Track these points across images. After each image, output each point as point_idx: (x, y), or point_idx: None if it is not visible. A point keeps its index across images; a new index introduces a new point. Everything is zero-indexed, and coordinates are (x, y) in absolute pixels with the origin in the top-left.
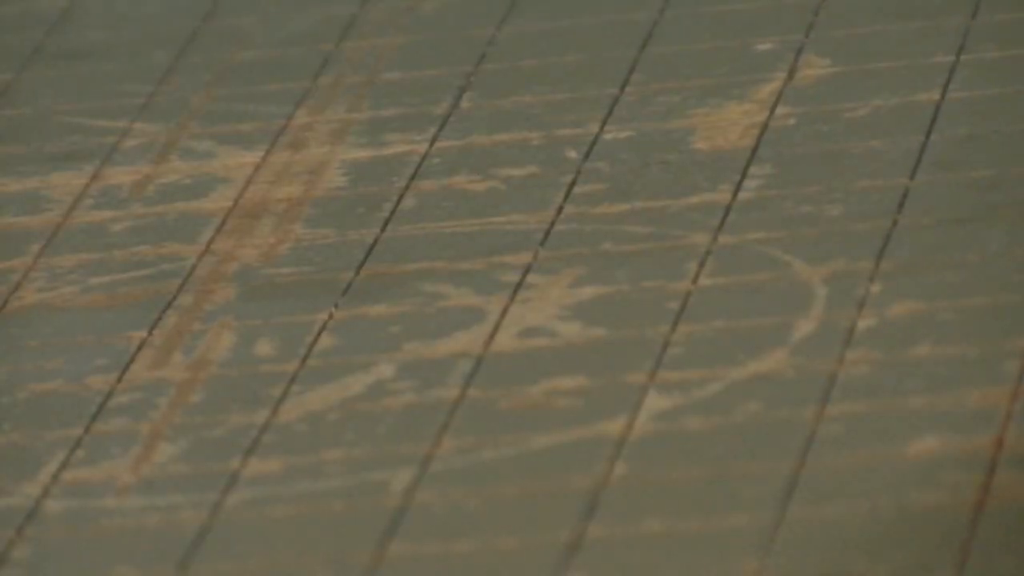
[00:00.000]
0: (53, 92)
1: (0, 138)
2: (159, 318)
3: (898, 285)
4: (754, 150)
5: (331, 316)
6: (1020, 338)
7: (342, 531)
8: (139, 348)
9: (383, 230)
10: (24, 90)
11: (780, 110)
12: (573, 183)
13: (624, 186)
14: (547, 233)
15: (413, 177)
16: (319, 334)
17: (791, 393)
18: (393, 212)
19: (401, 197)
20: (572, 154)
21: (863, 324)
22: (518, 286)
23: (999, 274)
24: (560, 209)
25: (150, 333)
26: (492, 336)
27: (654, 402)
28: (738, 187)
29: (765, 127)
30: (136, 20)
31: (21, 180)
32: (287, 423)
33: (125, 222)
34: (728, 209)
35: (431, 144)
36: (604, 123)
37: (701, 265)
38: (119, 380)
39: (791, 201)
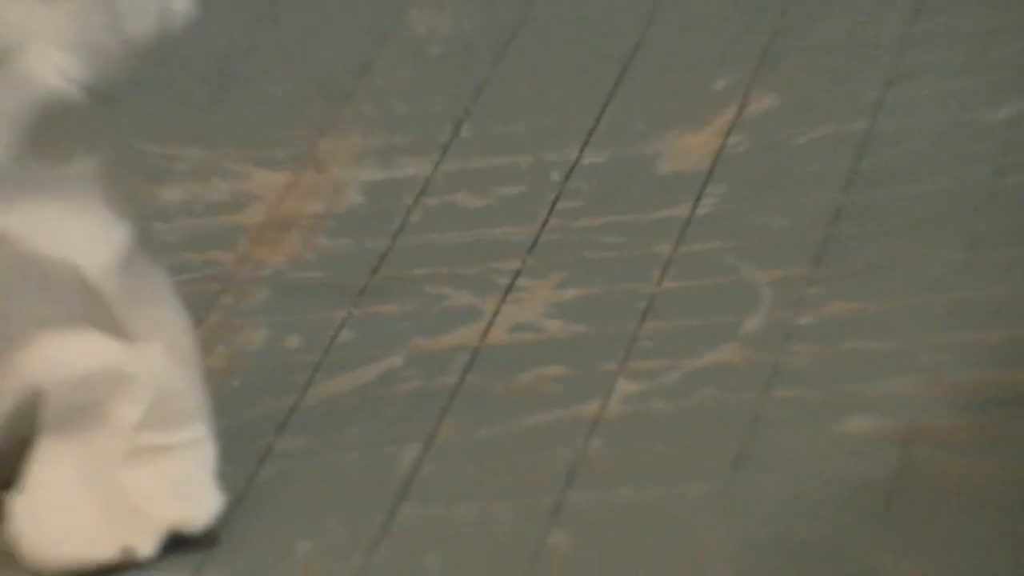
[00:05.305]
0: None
1: None
2: (204, 315)
3: (832, 288)
4: (710, 172)
5: (349, 314)
6: (936, 335)
7: (359, 496)
8: None
9: (394, 240)
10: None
11: (732, 138)
12: (556, 200)
13: (600, 203)
14: (534, 242)
15: (420, 195)
16: (339, 329)
17: (741, 380)
18: (403, 225)
19: (409, 212)
20: (555, 175)
21: (802, 321)
22: (509, 288)
23: (921, 278)
24: (545, 222)
25: (196, 328)
26: (487, 331)
27: (624, 387)
28: (696, 204)
29: (720, 153)
30: (181, 60)
31: None
32: (312, 405)
33: (175, 233)
34: (688, 222)
35: (435, 167)
36: (583, 149)
37: (664, 270)
38: None
39: (742, 216)
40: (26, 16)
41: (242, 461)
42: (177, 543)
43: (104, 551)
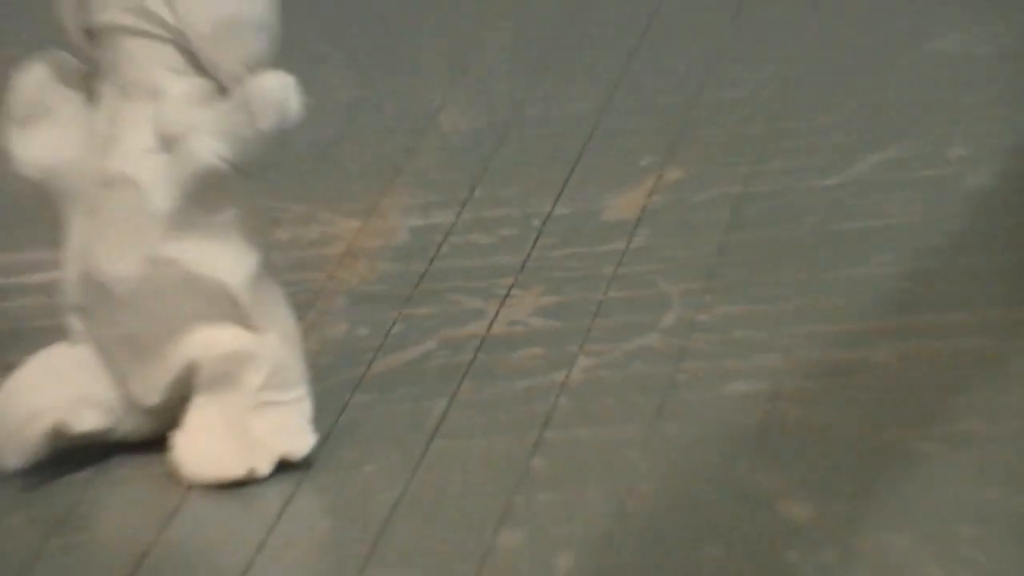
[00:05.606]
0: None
1: None
2: (304, 315)
3: (720, 297)
4: (638, 220)
5: (400, 314)
6: (790, 328)
7: (407, 433)
8: None
9: (429, 265)
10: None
11: (653, 198)
12: (537, 238)
13: (566, 240)
14: (523, 266)
15: (447, 235)
16: (393, 324)
17: (660, 357)
18: (435, 254)
19: (440, 246)
20: (536, 222)
21: (701, 318)
22: (506, 296)
23: (778, 291)
24: (530, 253)
25: (299, 323)
26: (491, 325)
27: (582, 363)
28: (629, 241)
29: (645, 207)
30: (294, 146)
31: None
32: (375, 374)
33: (286, 261)
34: (624, 253)
35: (457, 216)
36: (555, 204)
37: (609, 285)
38: None
39: (659, 249)
40: (190, 115)
41: (328, 411)
42: (284, 466)
43: (236, 471)
